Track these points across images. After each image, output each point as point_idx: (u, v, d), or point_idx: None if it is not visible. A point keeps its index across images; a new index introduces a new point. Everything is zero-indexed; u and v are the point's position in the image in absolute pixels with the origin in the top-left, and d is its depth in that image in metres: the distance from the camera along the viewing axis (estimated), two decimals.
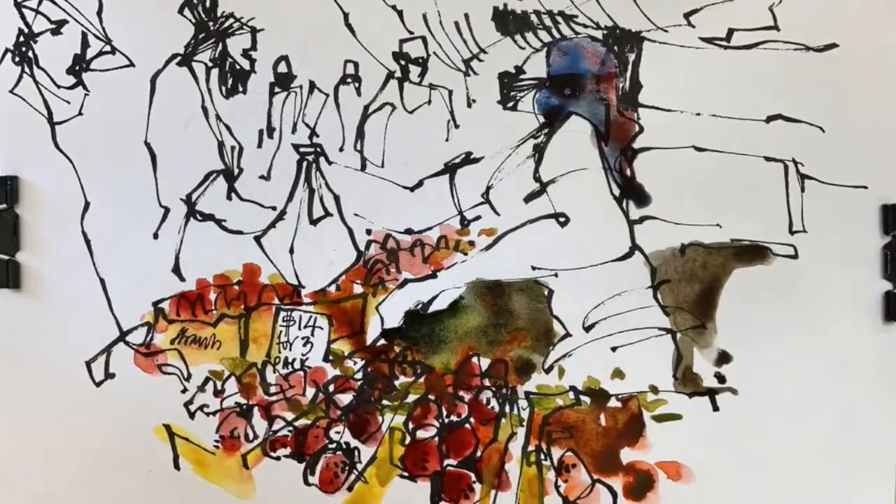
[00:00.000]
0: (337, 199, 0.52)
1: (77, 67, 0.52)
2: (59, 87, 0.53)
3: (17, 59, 0.53)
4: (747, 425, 0.51)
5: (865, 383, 0.51)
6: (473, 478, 0.52)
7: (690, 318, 0.52)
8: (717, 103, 0.51)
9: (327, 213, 0.52)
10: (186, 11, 0.52)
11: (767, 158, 0.51)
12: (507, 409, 0.52)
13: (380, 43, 0.52)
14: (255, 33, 0.52)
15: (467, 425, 0.52)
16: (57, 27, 0.52)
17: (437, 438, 0.52)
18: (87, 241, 0.53)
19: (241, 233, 0.52)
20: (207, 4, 0.52)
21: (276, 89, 0.52)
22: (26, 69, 0.53)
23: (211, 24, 0.52)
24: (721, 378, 0.51)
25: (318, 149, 0.52)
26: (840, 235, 0.51)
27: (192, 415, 0.53)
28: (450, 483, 0.52)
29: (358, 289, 0.53)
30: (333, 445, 0.53)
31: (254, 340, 0.53)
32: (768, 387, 0.51)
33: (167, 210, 0.52)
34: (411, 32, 0.52)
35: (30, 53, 0.52)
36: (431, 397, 0.52)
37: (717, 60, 0.51)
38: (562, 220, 0.52)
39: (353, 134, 0.52)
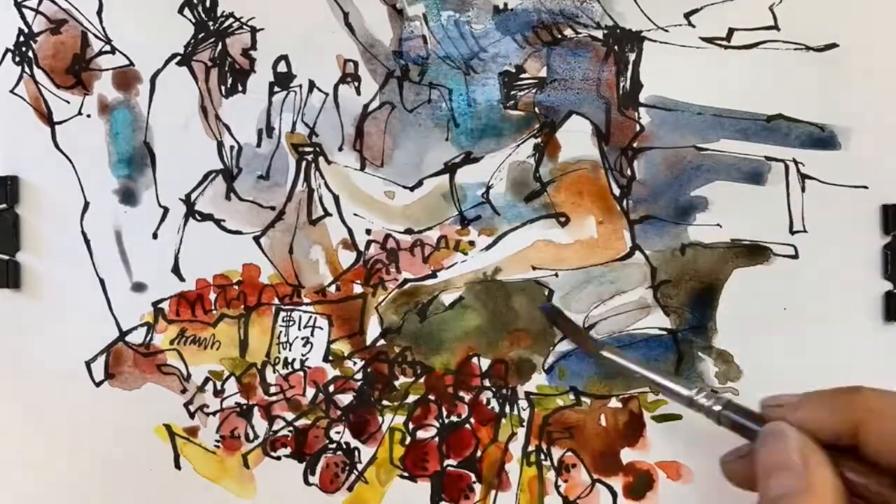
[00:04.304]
0: (336, 198, 0.52)
1: (77, 67, 0.52)
2: (59, 87, 0.53)
3: (17, 59, 0.53)
4: None
5: (865, 383, 0.51)
6: (473, 478, 0.52)
7: (690, 318, 0.52)
8: (718, 103, 0.51)
9: (327, 213, 0.52)
10: (186, 11, 0.52)
11: (768, 158, 0.51)
12: (508, 409, 0.52)
13: (379, 42, 0.52)
14: (255, 33, 0.52)
15: (467, 426, 0.52)
16: (56, 27, 0.52)
17: (437, 439, 0.52)
18: (87, 241, 0.53)
19: (240, 233, 0.52)
20: (207, 4, 0.52)
21: (276, 89, 0.52)
22: (26, 69, 0.53)
23: (211, 23, 0.52)
24: (722, 378, 0.51)
25: (318, 148, 0.52)
26: (840, 235, 0.51)
27: (192, 415, 0.53)
28: (450, 483, 0.52)
29: (358, 289, 0.53)
30: (333, 445, 0.53)
31: (253, 341, 0.53)
32: (768, 387, 0.51)
33: (166, 210, 0.52)
34: (411, 32, 0.52)
35: (30, 53, 0.52)
36: (431, 397, 0.52)
37: (718, 60, 0.51)
38: (562, 220, 0.52)
39: (352, 133, 0.52)
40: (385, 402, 0.52)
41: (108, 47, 0.52)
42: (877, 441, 0.31)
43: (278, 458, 0.53)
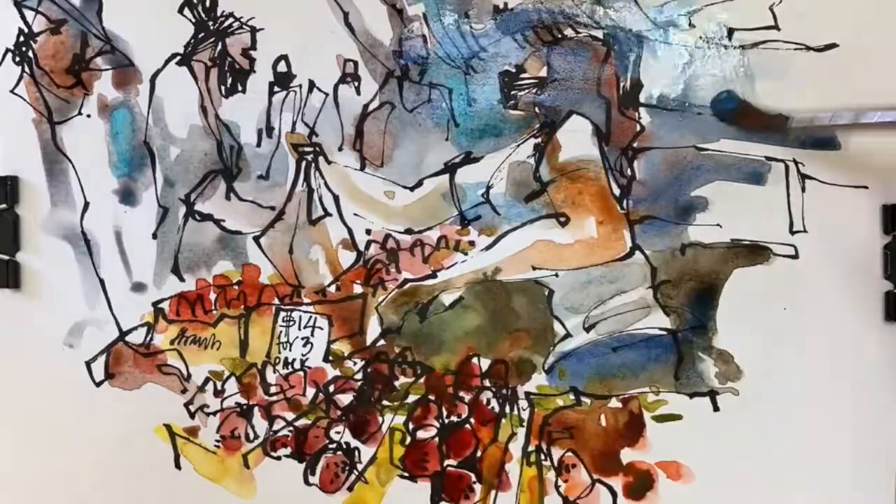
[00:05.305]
0: (336, 198, 0.52)
1: (77, 67, 0.52)
2: (59, 86, 0.53)
3: (17, 59, 0.53)
4: (747, 425, 0.51)
5: (865, 383, 0.51)
6: (473, 478, 0.52)
7: (690, 318, 0.52)
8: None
9: (327, 213, 0.52)
10: (186, 11, 0.52)
11: (768, 158, 0.51)
12: (508, 409, 0.52)
13: (379, 42, 0.52)
14: (255, 33, 0.52)
15: (467, 426, 0.52)
16: (56, 27, 0.52)
17: (437, 439, 0.52)
18: (87, 241, 0.53)
19: (239, 233, 0.52)
20: (207, 4, 0.52)
21: (276, 89, 0.52)
22: (26, 69, 0.53)
23: (211, 23, 0.52)
24: (722, 378, 0.51)
25: (318, 148, 0.52)
26: (840, 235, 0.51)
27: (192, 415, 0.53)
28: (450, 483, 0.52)
29: (358, 289, 0.53)
30: (334, 445, 0.53)
31: (253, 341, 0.53)
32: (768, 387, 0.51)
33: (166, 210, 0.52)
34: (411, 32, 0.52)
35: (30, 53, 0.52)
36: (431, 397, 0.52)
37: (718, 59, 0.51)
38: (562, 220, 0.52)
39: (352, 133, 0.52)
40: (385, 402, 0.52)
41: (107, 47, 0.52)
42: None
43: (278, 458, 0.53)
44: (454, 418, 0.52)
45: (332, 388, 0.52)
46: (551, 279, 0.52)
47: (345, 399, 0.53)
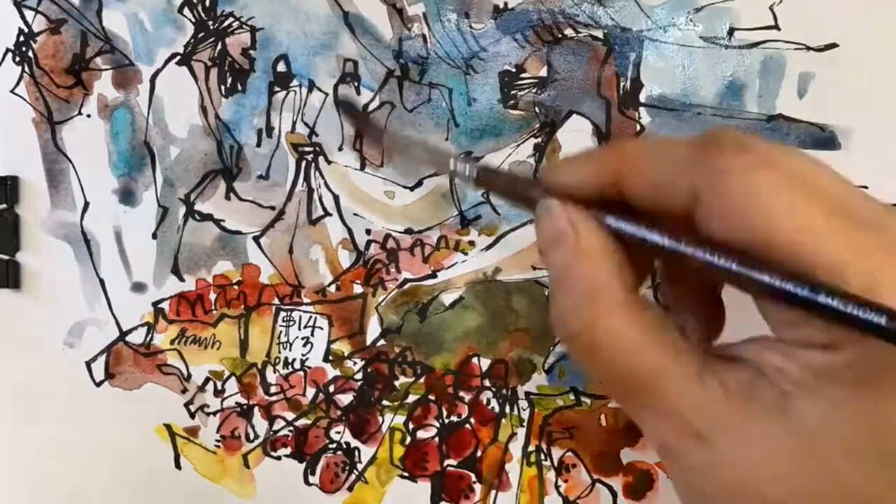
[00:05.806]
0: (336, 198, 0.52)
1: (77, 67, 0.52)
2: (59, 86, 0.53)
3: (17, 59, 0.53)
4: None
5: None
6: (473, 478, 0.52)
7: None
8: (719, 102, 0.51)
9: (327, 213, 0.52)
10: (186, 11, 0.52)
11: None
12: (508, 409, 0.52)
13: (379, 41, 0.52)
14: (255, 32, 0.52)
15: (467, 426, 0.52)
16: (56, 27, 0.52)
17: (437, 439, 0.52)
18: (87, 241, 0.53)
19: (239, 233, 0.52)
20: (207, 4, 0.52)
21: (276, 88, 0.52)
22: (26, 69, 0.53)
23: (211, 23, 0.52)
24: None
25: (318, 148, 0.52)
26: None
27: (192, 415, 0.53)
28: (450, 483, 0.52)
29: (358, 289, 0.53)
30: (334, 445, 0.53)
31: (253, 341, 0.53)
32: None
33: (166, 210, 0.52)
34: (411, 31, 0.52)
35: (30, 53, 0.52)
36: (431, 397, 0.52)
37: (718, 60, 0.51)
38: None
39: (352, 133, 0.52)
40: (385, 402, 0.52)
41: (107, 47, 0.52)
42: (633, 186, 0.29)
43: (278, 458, 0.53)
44: (454, 418, 0.52)
45: (332, 388, 0.53)
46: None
47: (345, 399, 0.53)
